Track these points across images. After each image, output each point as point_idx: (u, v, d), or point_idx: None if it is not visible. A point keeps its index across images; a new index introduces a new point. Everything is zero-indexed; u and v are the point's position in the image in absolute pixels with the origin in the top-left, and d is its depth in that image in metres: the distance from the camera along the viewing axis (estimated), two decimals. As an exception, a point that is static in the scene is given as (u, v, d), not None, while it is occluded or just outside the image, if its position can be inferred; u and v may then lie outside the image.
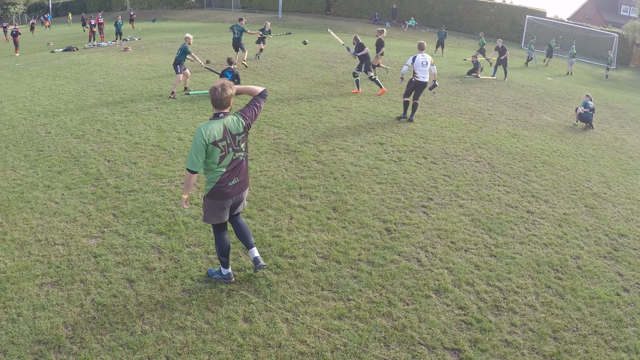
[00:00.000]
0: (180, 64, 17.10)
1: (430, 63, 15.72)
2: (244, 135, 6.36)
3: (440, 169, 12.26)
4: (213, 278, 7.24)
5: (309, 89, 20.03)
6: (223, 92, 6.10)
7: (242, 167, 6.49)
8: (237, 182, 6.46)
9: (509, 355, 6.26)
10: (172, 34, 39.63)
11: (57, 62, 25.10)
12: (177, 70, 17.13)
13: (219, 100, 6.14)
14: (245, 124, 6.36)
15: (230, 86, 6.21)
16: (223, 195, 6.41)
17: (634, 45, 51.42)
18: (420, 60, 15.62)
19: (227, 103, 6.22)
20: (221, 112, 6.25)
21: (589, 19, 76.12)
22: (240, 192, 6.58)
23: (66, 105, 16.13)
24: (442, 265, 8.10)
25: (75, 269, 7.33)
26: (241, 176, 6.50)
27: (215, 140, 6.08)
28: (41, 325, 6.13)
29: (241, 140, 6.35)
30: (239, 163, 6.42)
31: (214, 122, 6.19)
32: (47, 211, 9.06)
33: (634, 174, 13.59)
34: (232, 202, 6.57)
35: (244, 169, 6.54)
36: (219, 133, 6.11)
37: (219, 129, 6.13)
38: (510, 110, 19.63)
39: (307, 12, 63.53)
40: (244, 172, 6.53)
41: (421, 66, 15.59)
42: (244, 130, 6.35)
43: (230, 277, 7.14)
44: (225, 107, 6.25)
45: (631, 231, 10.04)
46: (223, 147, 6.17)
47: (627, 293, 7.87)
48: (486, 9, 57.57)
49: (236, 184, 6.46)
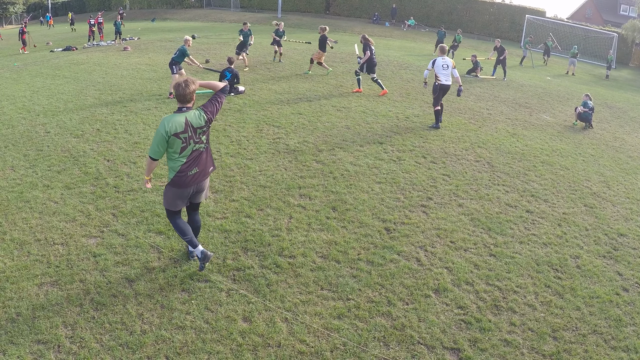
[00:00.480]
0: (176, 64, 17.06)
1: (452, 66, 15.61)
2: (205, 129, 6.74)
3: (439, 168, 12.26)
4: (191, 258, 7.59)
5: (309, 88, 20.03)
6: (186, 87, 6.55)
7: (202, 158, 6.82)
8: (197, 172, 6.78)
9: (508, 355, 6.27)
10: (172, 33, 39.62)
11: (57, 62, 25.09)
12: (173, 70, 17.09)
13: (182, 95, 6.59)
14: (207, 118, 6.75)
15: (194, 82, 6.67)
16: (183, 184, 6.74)
17: (633, 45, 51.42)
18: (441, 64, 15.47)
19: (190, 98, 6.68)
20: (184, 106, 6.67)
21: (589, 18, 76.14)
22: (200, 181, 6.88)
23: (65, 104, 16.12)
24: (442, 265, 8.11)
25: (75, 268, 7.33)
26: (201, 166, 6.82)
27: (176, 132, 6.48)
28: (40, 325, 6.13)
29: (202, 133, 6.73)
30: (199, 154, 6.77)
31: (176, 115, 6.60)
32: (47, 211, 9.05)
33: (633, 174, 13.59)
34: (192, 190, 6.90)
35: (204, 159, 6.87)
36: (180, 126, 6.51)
37: (180, 122, 6.53)
38: (509, 110, 19.63)
39: (306, 11, 63.48)
40: (203, 163, 6.85)
41: (442, 69, 15.46)
42: (206, 124, 6.73)
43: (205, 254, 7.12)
44: (189, 102, 6.70)
45: (630, 230, 10.04)
46: (184, 139, 6.55)
47: (627, 292, 7.87)
48: (485, 9, 57.52)
49: (196, 174, 6.78)
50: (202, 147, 6.77)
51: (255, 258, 7.87)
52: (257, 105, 16.80)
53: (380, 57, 29.64)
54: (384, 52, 33.33)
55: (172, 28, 46.33)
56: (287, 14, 59.73)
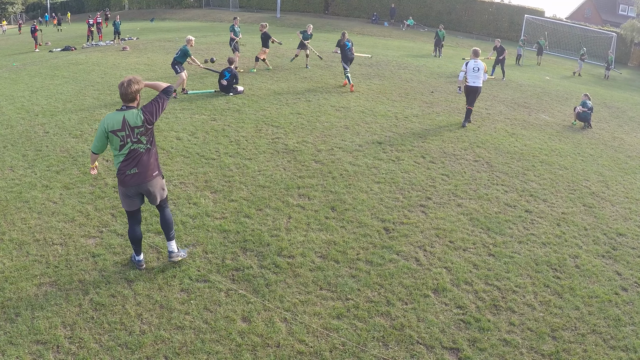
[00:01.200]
0: (178, 64, 17.07)
1: (483, 70, 15.73)
2: (142, 129, 6.69)
3: (438, 168, 12.27)
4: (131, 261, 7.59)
5: (308, 88, 20.03)
6: (128, 87, 6.60)
7: (143, 160, 6.79)
8: (136, 172, 6.76)
9: (507, 355, 6.27)
10: (171, 33, 39.62)
11: (55, 62, 25.09)
12: (177, 70, 17.10)
13: (124, 94, 6.64)
14: (144, 118, 6.68)
15: (137, 82, 6.71)
16: (123, 182, 6.81)
17: (632, 45, 51.46)
18: (472, 66, 15.71)
19: (132, 97, 6.69)
20: (125, 105, 6.72)
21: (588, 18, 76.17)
22: (140, 183, 6.82)
23: (64, 104, 16.11)
24: (441, 265, 8.11)
25: (74, 268, 7.32)
26: (141, 168, 6.78)
27: (113, 129, 6.57)
28: (39, 325, 6.13)
29: (140, 133, 6.68)
30: (139, 154, 6.75)
31: (116, 113, 6.67)
32: (46, 211, 9.05)
33: (632, 173, 13.59)
34: (134, 191, 6.89)
35: (146, 161, 6.83)
36: (117, 123, 6.57)
37: (118, 120, 6.58)
38: (508, 110, 19.63)
39: (305, 11, 63.54)
40: (144, 165, 6.81)
41: (472, 71, 15.69)
42: (143, 124, 6.67)
43: (140, 264, 7.41)
44: (130, 101, 6.72)
45: (629, 230, 10.05)
46: (122, 137, 6.61)
47: (626, 292, 7.88)
48: (485, 9, 57.56)
49: (135, 174, 6.76)
50: (141, 148, 6.75)
51: (254, 258, 7.88)
52: (256, 105, 16.79)
53: (379, 56, 29.74)
54: (383, 52, 33.34)
55: (170, 28, 46.34)
56: (286, 14, 59.75)
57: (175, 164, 11.36)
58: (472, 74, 15.76)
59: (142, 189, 6.90)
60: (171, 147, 12.35)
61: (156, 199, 7.12)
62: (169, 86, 7.05)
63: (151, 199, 7.11)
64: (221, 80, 18.07)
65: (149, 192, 6.97)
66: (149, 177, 6.86)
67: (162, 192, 7.17)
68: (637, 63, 52.13)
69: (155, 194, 7.05)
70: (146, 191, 6.94)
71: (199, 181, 10.52)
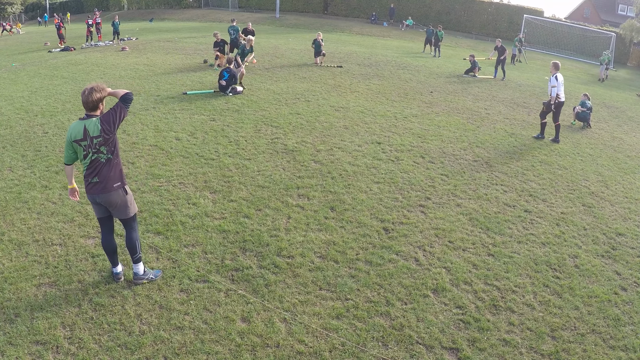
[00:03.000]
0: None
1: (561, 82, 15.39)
2: (101, 139, 6.41)
3: (437, 168, 12.27)
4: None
5: (307, 88, 20.03)
6: (89, 95, 6.37)
7: (103, 170, 6.54)
8: (97, 182, 6.54)
9: (507, 355, 6.27)
10: (170, 33, 39.62)
11: (55, 62, 25.08)
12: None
13: (84, 102, 6.42)
14: (102, 128, 6.40)
15: (99, 90, 6.44)
16: (87, 189, 6.63)
17: (631, 45, 51.49)
18: (561, 80, 15.35)
19: (93, 106, 6.45)
20: (87, 114, 6.50)
21: (587, 18, 76.19)
22: (100, 192, 6.56)
23: (63, 105, 16.11)
24: (440, 265, 8.11)
25: (73, 269, 7.32)
26: (101, 177, 6.53)
27: (76, 139, 6.40)
28: (39, 326, 6.12)
29: (99, 143, 6.42)
30: (100, 164, 6.51)
31: (79, 122, 6.47)
32: (45, 211, 9.05)
33: (631, 173, 13.60)
34: (97, 200, 6.63)
35: (106, 172, 6.57)
36: (79, 133, 6.39)
37: (80, 129, 6.40)
38: (507, 110, 19.64)
39: (304, 11, 63.53)
40: (104, 175, 6.55)
41: (561, 85, 15.29)
42: (101, 134, 6.39)
43: (117, 276, 7.15)
44: (92, 110, 6.48)
45: (629, 230, 10.05)
46: (84, 147, 6.42)
47: (625, 292, 7.88)
48: (484, 9, 57.56)
49: (96, 183, 6.54)
50: (102, 158, 6.49)
51: (254, 258, 7.88)
52: (255, 105, 16.79)
53: (378, 57, 29.75)
54: (382, 52, 33.35)
55: (170, 28, 46.35)
56: (285, 14, 59.74)
57: (174, 164, 11.36)
58: (561, 88, 15.29)
59: (101, 199, 6.62)
60: (170, 148, 12.34)
61: (118, 212, 6.81)
62: (127, 93, 6.67)
63: (113, 212, 6.81)
64: (220, 81, 18.07)
65: (110, 204, 6.67)
66: (109, 188, 6.58)
67: (126, 209, 6.83)
68: (636, 63, 52.15)
69: (116, 207, 6.75)
70: (106, 202, 6.64)
71: (198, 181, 10.52)
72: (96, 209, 6.83)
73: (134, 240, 6.96)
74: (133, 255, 7.02)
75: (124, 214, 6.82)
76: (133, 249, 6.97)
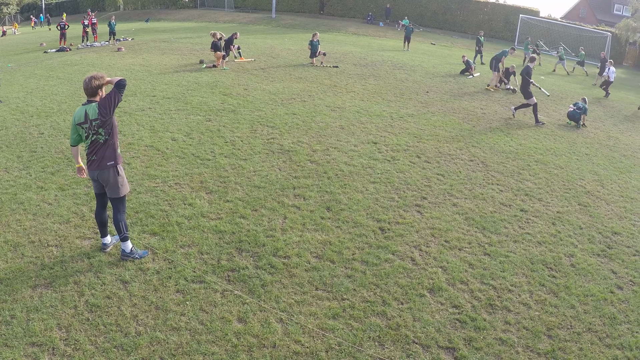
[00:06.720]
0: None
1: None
2: (99, 122, 7.11)
3: (433, 168, 12.28)
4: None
5: (303, 88, 20.03)
6: (89, 82, 7.11)
7: (100, 150, 7.26)
8: (94, 159, 7.28)
9: (503, 354, 6.28)
10: (166, 34, 39.55)
11: (50, 63, 25.03)
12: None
13: (85, 89, 7.16)
14: (99, 111, 7.09)
15: (98, 78, 7.18)
16: (87, 166, 7.42)
17: (627, 44, 51.63)
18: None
19: (93, 92, 7.18)
20: (88, 100, 7.23)
21: (583, 18, 76.22)
22: (96, 169, 7.29)
23: (59, 105, 16.08)
24: (436, 264, 8.12)
25: (69, 270, 7.31)
26: (98, 156, 7.27)
27: (79, 122, 7.16)
28: (35, 327, 6.11)
29: (97, 125, 7.13)
30: (98, 144, 7.24)
31: (81, 107, 7.22)
32: (41, 212, 9.03)
33: (627, 172, 13.62)
34: (94, 176, 7.37)
35: (102, 151, 7.27)
36: (81, 117, 7.15)
37: (81, 114, 7.16)
38: (503, 110, 19.66)
39: (300, 11, 63.49)
40: (101, 154, 7.26)
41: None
42: (98, 117, 7.09)
43: (104, 247, 7.91)
44: (93, 95, 7.20)
45: (625, 229, 10.07)
46: (86, 129, 7.17)
47: (621, 290, 7.90)
48: (480, 9, 57.64)
49: (94, 161, 7.28)
50: (100, 139, 7.19)
51: (250, 259, 7.87)
52: (251, 105, 16.79)
53: (374, 56, 29.76)
54: (378, 52, 33.34)
55: (166, 28, 46.26)
56: (281, 14, 59.70)
57: (170, 164, 11.35)
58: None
59: (98, 176, 7.33)
60: (166, 148, 12.33)
61: (110, 190, 7.45)
62: (121, 79, 7.22)
63: (107, 189, 7.46)
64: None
65: (104, 180, 7.35)
66: (103, 165, 7.26)
67: (117, 189, 7.44)
68: (632, 62, 52.31)
69: (109, 185, 7.39)
70: (101, 178, 7.34)
71: (194, 182, 10.51)
72: (94, 185, 7.59)
73: (119, 222, 7.55)
74: (119, 234, 7.63)
75: (115, 193, 7.47)
76: (118, 229, 7.58)
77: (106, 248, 7.85)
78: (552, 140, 15.96)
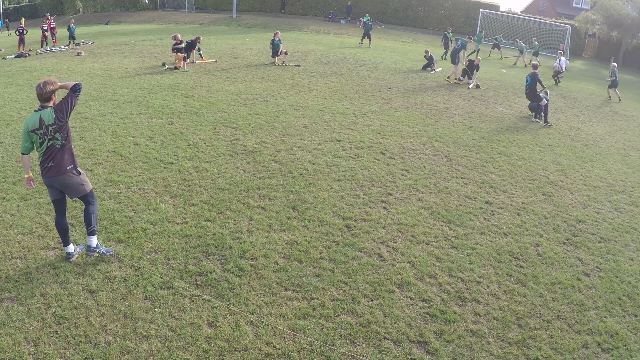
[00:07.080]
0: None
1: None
2: (55, 127, 7.09)
3: (398, 163, 12.33)
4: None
5: (265, 88, 19.97)
6: (43, 87, 7.12)
7: (57, 155, 7.21)
8: (52, 165, 7.20)
9: (474, 345, 6.33)
10: (127, 36, 39.11)
11: (9, 69, 24.55)
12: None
13: (39, 94, 7.16)
14: (55, 116, 7.08)
15: (52, 83, 7.23)
16: (43, 174, 7.30)
17: (586, 37, 52.56)
18: None
19: (47, 97, 7.17)
20: (41, 105, 7.22)
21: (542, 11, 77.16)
22: (55, 175, 7.22)
23: (19, 113, 15.78)
24: (404, 260, 8.16)
25: (35, 282, 7.17)
26: (56, 162, 7.21)
27: (33, 128, 7.07)
28: (2, 343, 5.98)
29: (54, 130, 7.10)
30: (55, 150, 7.18)
31: (34, 113, 7.18)
32: (3, 224, 8.85)
33: (589, 161, 13.84)
34: (53, 183, 7.31)
35: (60, 157, 7.24)
36: (35, 123, 7.08)
37: (35, 120, 7.10)
38: (465, 103, 19.84)
39: (261, 11, 63.32)
40: (58, 159, 7.22)
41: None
42: (55, 122, 7.08)
43: (69, 256, 7.71)
44: (46, 101, 7.20)
45: (589, 217, 10.23)
46: (40, 135, 7.08)
47: (588, 277, 8.03)
48: (440, 4, 58.13)
49: (51, 167, 7.21)
50: (57, 144, 7.16)
51: (217, 262, 7.82)
52: (214, 107, 16.68)
53: (336, 54, 29.80)
54: (340, 50, 33.39)
55: (126, 31, 45.74)
56: (242, 14, 59.45)
57: (133, 169, 11.22)
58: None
59: (56, 182, 7.27)
60: (129, 153, 12.18)
61: (74, 192, 7.47)
62: (76, 84, 7.37)
63: (69, 193, 7.49)
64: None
65: (64, 186, 7.33)
66: (62, 171, 7.22)
67: (81, 187, 7.47)
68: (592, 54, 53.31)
69: (71, 188, 7.40)
70: (61, 184, 7.30)
71: (158, 186, 10.41)
72: (51, 192, 7.48)
73: (91, 213, 7.59)
74: (88, 227, 7.60)
75: (81, 192, 7.52)
76: (89, 221, 7.58)
77: (71, 257, 7.67)
78: (514, 132, 16.15)
